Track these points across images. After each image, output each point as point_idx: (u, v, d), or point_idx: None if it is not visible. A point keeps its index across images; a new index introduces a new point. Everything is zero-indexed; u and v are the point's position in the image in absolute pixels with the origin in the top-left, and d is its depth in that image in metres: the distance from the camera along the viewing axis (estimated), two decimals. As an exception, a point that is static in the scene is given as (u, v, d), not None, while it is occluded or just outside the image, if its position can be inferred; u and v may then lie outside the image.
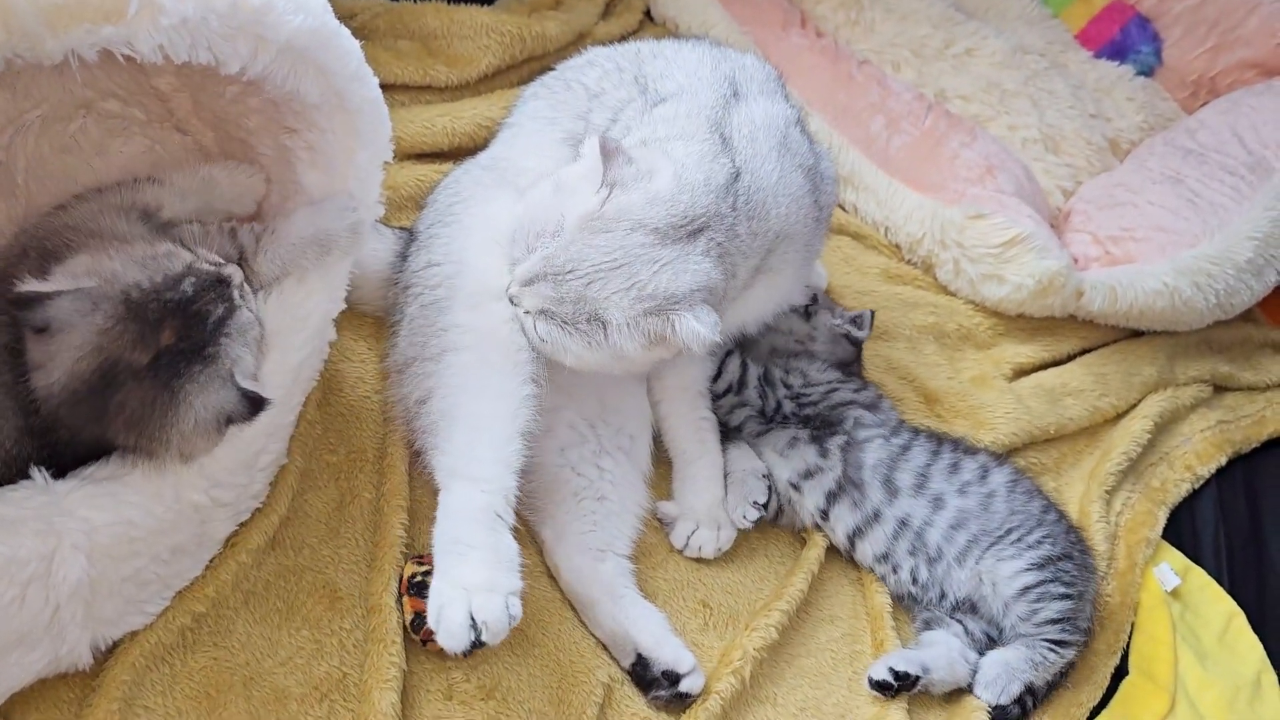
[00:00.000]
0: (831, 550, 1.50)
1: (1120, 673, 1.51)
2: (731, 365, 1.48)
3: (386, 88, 1.18)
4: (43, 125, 1.20)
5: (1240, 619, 1.63)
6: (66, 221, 1.06)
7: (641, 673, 1.27)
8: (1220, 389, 1.95)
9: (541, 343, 1.22)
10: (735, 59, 1.43)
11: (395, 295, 1.39)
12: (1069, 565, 1.42)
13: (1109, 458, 1.71)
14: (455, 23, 1.91)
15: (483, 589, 1.06)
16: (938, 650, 1.39)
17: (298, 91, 1.06)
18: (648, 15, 2.26)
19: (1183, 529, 1.73)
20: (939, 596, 1.43)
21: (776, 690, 1.34)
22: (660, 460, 1.49)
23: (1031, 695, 1.40)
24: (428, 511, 1.32)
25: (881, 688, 1.35)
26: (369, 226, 1.24)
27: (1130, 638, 1.54)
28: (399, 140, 1.64)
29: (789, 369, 1.52)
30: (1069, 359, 1.88)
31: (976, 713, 1.35)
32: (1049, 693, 1.42)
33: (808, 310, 1.57)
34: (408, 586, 1.22)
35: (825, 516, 1.47)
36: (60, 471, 1.01)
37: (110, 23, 0.90)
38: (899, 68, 2.21)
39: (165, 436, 0.99)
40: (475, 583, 1.07)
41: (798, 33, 2.20)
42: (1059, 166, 2.13)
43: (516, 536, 1.14)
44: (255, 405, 1.02)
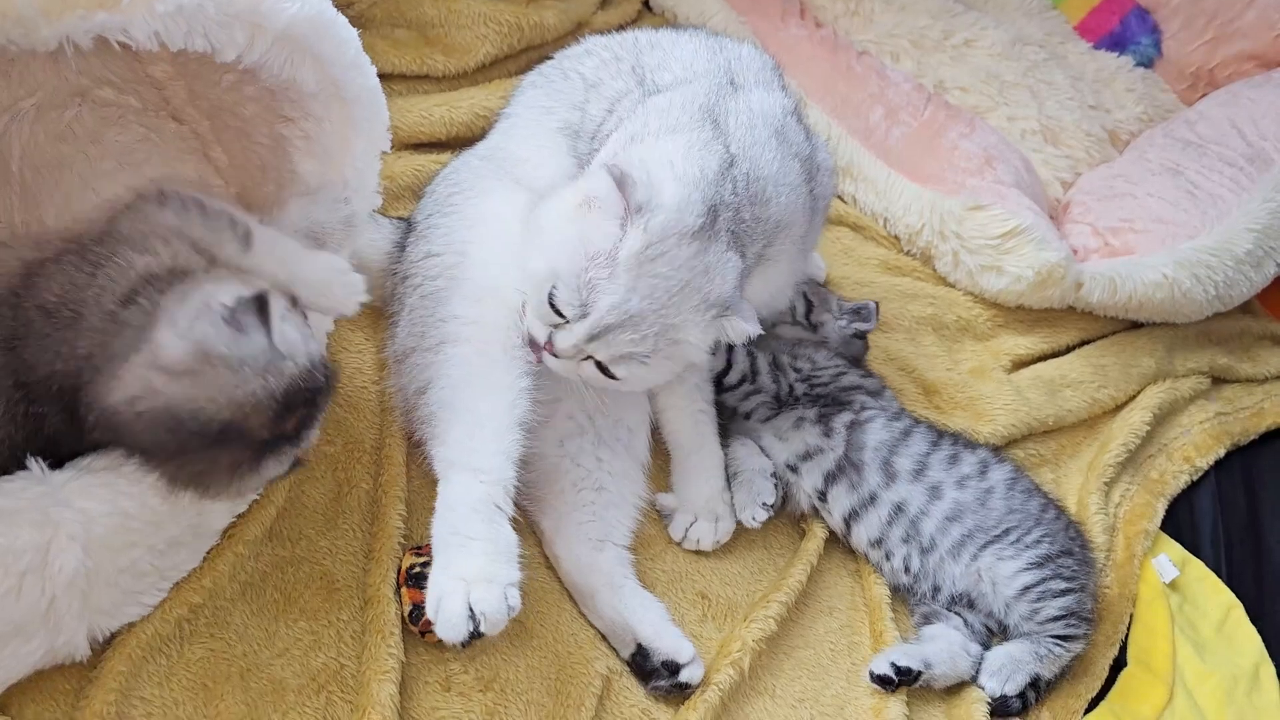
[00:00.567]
0: (830, 542, 1.49)
1: (1118, 664, 1.52)
2: (740, 357, 1.48)
3: (384, 77, 1.18)
4: (37, 113, 1.19)
5: (1238, 610, 1.63)
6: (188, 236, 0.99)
7: (641, 663, 1.27)
8: (1219, 381, 1.95)
9: (618, 382, 1.21)
10: (733, 49, 1.42)
11: (393, 285, 1.38)
12: (1069, 561, 1.41)
13: (1108, 449, 1.71)
14: (453, 12, 1.90)
15: (481, 580, 1.07)
16: (939, 645, 1.39)
17: (294, 80, 1.06)
18: (646, 5, 2.25)
19: (1181, 521, 1.73)
20: (932, 589, 1.43)
21: (775, 682, 1.34)
22: (659, 452, 1.49)
23: (1035, 689, 1.40)
24: (426, 502, 1.32)
25: (883, 682, 1.35)
26: (363, 218, 1.23)
27: (1128, 629, 1.54)
28: (396, 130, 1.63)
29: (796, 355, 1.52)
30: (1068, 350, 1.88)
31: (976, 704, 1.35)
32: (1042, 696, 1.42)
33: (810, 320, 1.56)
34: (406, 578, 1.22)
35: (823, 498, 1.46)
36: (57, 462, 1.01)
37: (105, 9, 0.90)
38: (898, 58, 2.20)
39: (223, 492, 0.96)
40: (474, 574, 1.07)
41: (796, 23, 2.19)
42: (1058, 158, 2.13)
43: (515, 527, 1.15)
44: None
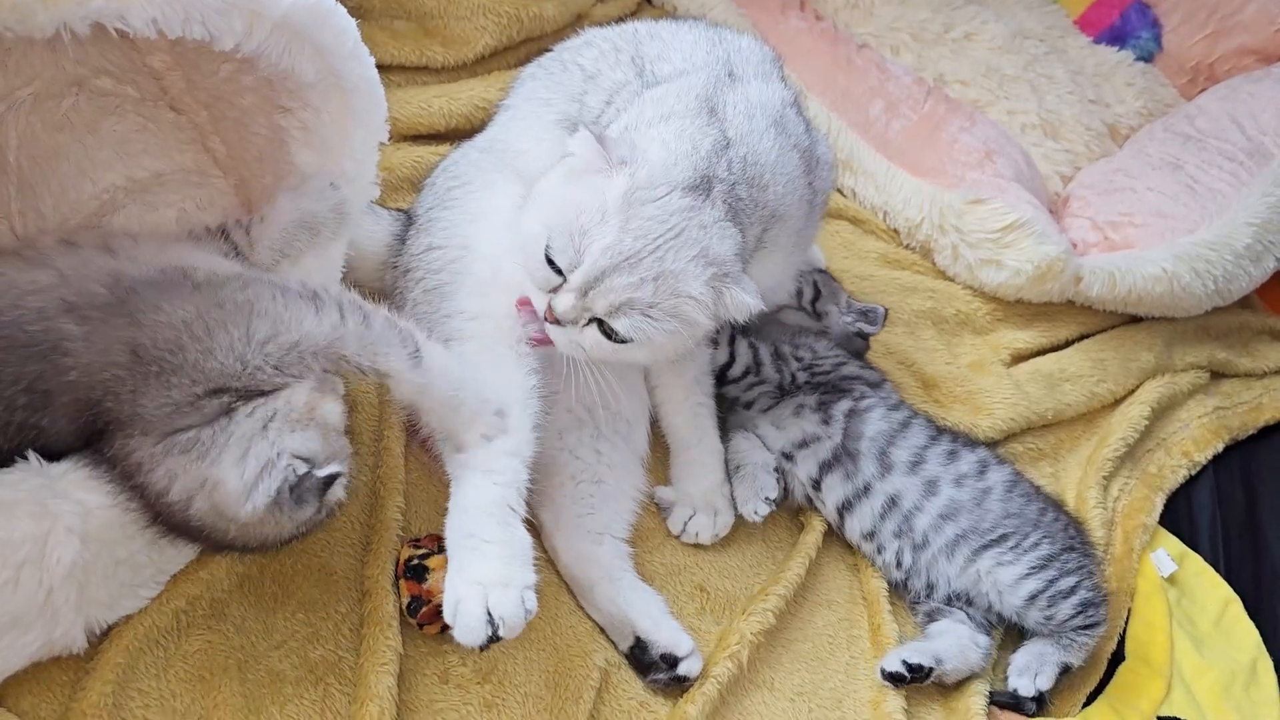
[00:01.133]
0: (829, 536, 1.49)
1: (1117, 658, 1.52)
2: (742, 350, 1.48)
3: (383, 68, 1.18)
4: (34, 102, 1.18)
5: (1236, 605, 1.63)
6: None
7: (640, 655, 1.27)
8: (1218, 375, 1.95)
9: (616, 348, 1.16)
10: (732, 40, 1.42)
11: (393, 278, 1.38)
12: (1071, 556, 1.42)
13: (1106, 443, 1.71)
14: (452, 3, 1.89)
15: (498, 584, 1.05)
16: (948, 640, 1.38)
17: (293, 70, 1.05)
18: (646, -3, 2.25)
19: (1179, 515, 1.73)
20: (926, 586, 1.43)
21: (773, 675, 1.34)
22: (658, 445, 1.48)
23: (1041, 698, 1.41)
24: (424, 495, 1.32)
25: (895, 679, 1.34)
26: (356, 205, 1.22)
27: (1127, 623, 1.55)
28: (395, 121, 1.63)
29: (797, 344, 1.52)
30: (1067, 344, 1.88)
31: (975, 696, 1.35)
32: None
33: (815, 308, 1.56)
34: (404, 570, 1.22)
35: (817, 487, 1.46)
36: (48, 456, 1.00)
37: (102, -6, 0.89)
38: (898, 52, 2.20)
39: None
40: (491, 578, 1.06)
41: (796, 15, 2.19)
42: (1058, 152, 2.13)
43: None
44: None
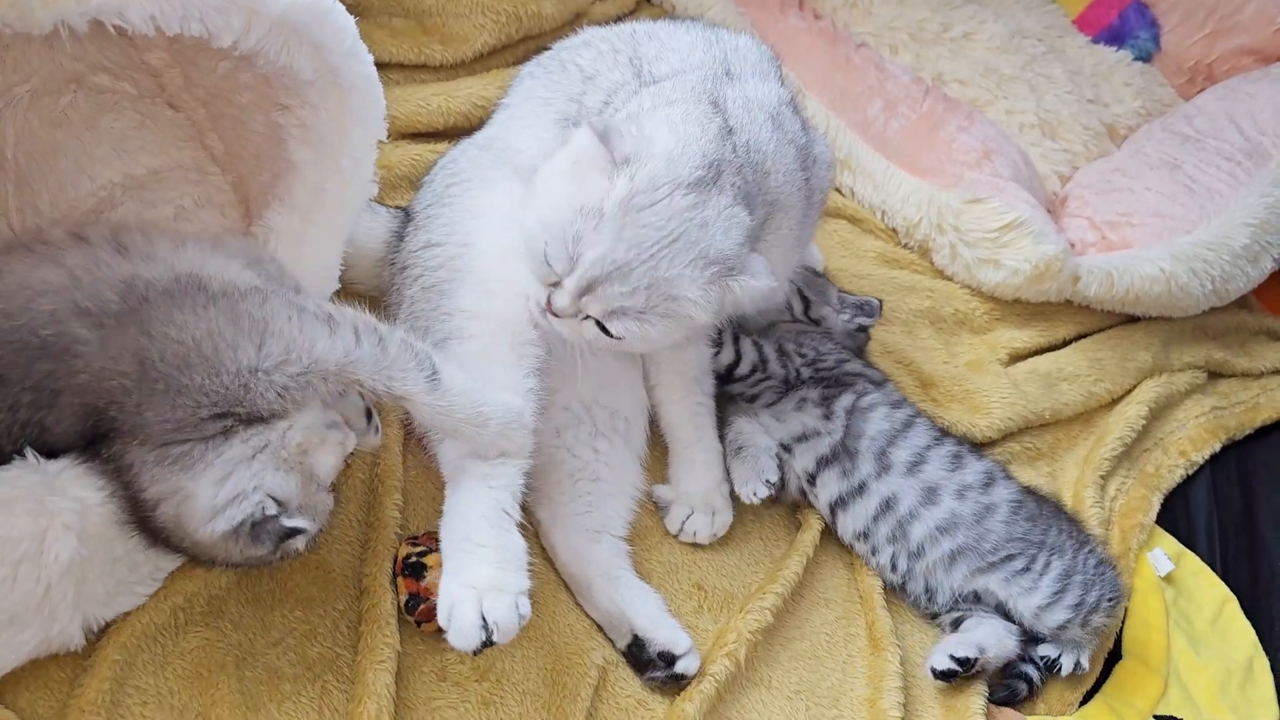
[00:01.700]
0: (826, 534, 1.49)
1: (1113, 656, 1.52)
2: (747, 349, 1.47)
3: (381, 66, 1.18)
4: (32, 99, 1.18)
5: (1233, 604, 1.63)
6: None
7: (637, 654, 1.27)
8: (1215, 375, 1.95)
9: (616, 341, 1.18)
10: (730, 40, 1.42)
11: (391, 275, 1.37)
12: (1085, 559, 1.42)
13: (1104, 443, 1.71)
14: (451, 1, 1.88)
15: (493, 589, 1.05)
16: (985, 629, 1.40)
17: (291, 67, 1.05)
18: (644, -4, 2.24)
19: (1176, 515, 1.73)
20: (925, 592, 1.43)
21: (771, 673, 1.34)
22: (656, 443, 1.48)
23: (1030, 683, 1.42)
24: (422, 492, 1.32)
25: (946, 676, 1.36)
26: (355, 204, 1.22)
27: (1124, 622, 1.55)
28: (393, 119, 1.63)
29: (801, 342, 1.52)
30: (1065, 344, 1.88)
31: (974, 696, 1.36)
32: (1043, 685, 1.44)
33: (810, 316, 1.56)
34: (402, 567, 1.22)
35: (812, 481, 1.46)
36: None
37: (101, -9, 0.89)
38: (897, 51, 2.20)
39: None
40: (485, 582, 1.06)
41: (795, 14, 2.19)
42: (1056, 151, 2.13)
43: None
44: None
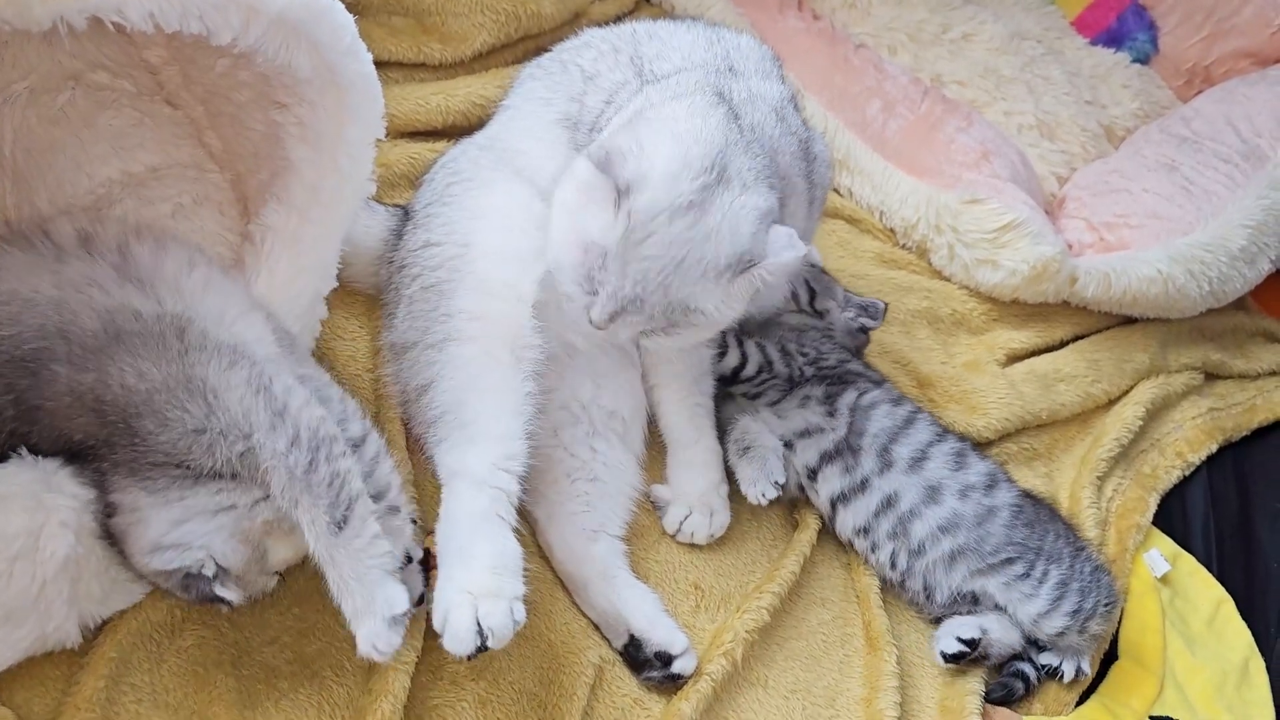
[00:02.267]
0: (823, 534, 1.49)
1: (1109, 657, 1.53)
2: (752, 350, 1.47)
3: (380, 65, 1.17)
4: (30, 96, 1.18)
5: (1229, 605, 1.64)
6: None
7: (634, 653, 1.27)
8: (1212, 377, 1.95)
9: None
10: (731, 39, 1.42)
11: (389, 273, 1.37)
12: (1079, 569, 1.42)
13: (1101, 444, 1.72)
14: (450, 0, 1.89)
15: (488, 595, 1.05)
16: (989, 617, 1.41)
17: (289, 65, 1.05)
18: (644, -4, 2.24)
19: (1173, 515, 1.74)
20: (923, 590, 1.43)
21: (767, 672, 1.34)
22: (654, 443, 1.48)
23: (1028, 681, 1.42)
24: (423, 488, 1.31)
25: (955, 659, 1.38)
26: (353, 202, 1.22)
27: (1119, 623, 1.55)
28: (392, 118, 1.62)
29: (803, 342, 1.52)
30: (1062, 345, 1.88)
31: (970, 696, 1.36)
32: (1040, 685, 1.44)
33: (815, 307, 1.56)
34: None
35: (813, 477, 1.45)
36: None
37: (100, -13, 0.89)
38: (895, 51, 2.20)
39: None
40: (480, 588, 1.06)
41: (794, 15, 2.19)
42: (1054, 153, 2.13)
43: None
44: None
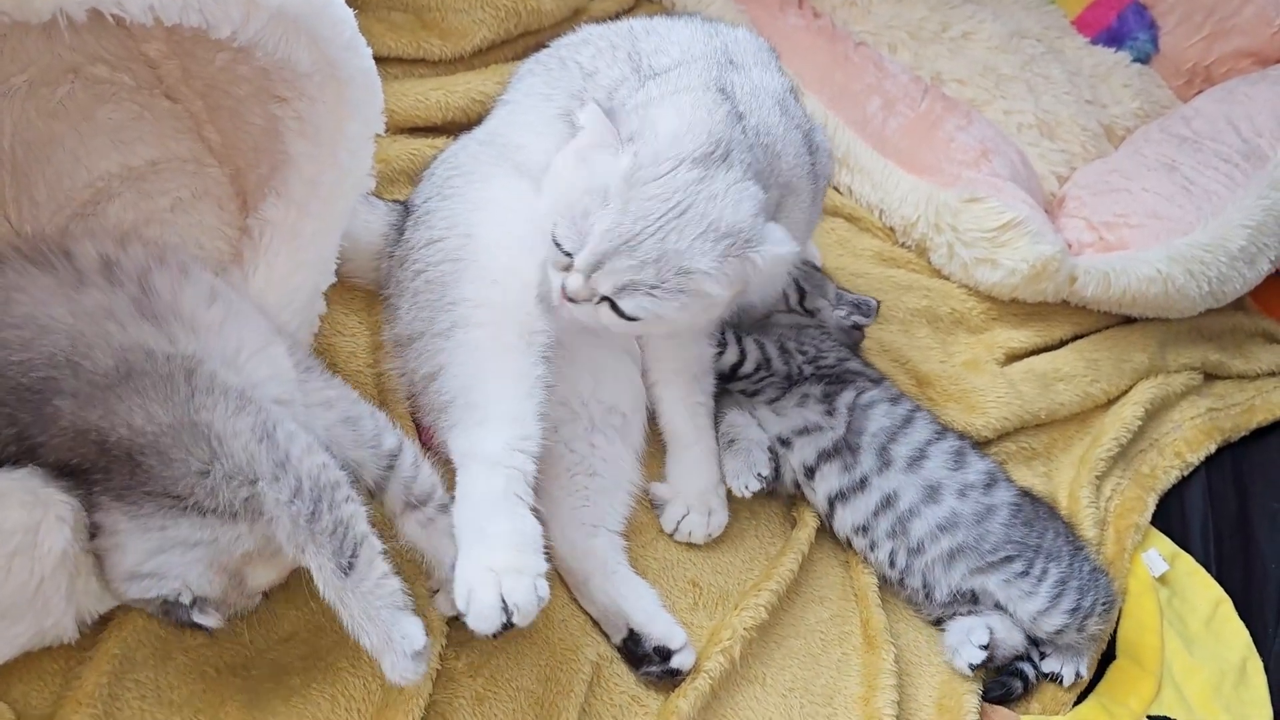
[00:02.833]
0: (821, 532, 1.49)
1: (1107, 657, 1.53)
2: (751, 347, 1.47)
3: (379, 60, 1.16)
4: (29, 89, 1.18)
5: (1227, 605, 1.64)
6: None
7: (633, 649, 1.27)
8: (1211, 377, 1.96)
9: (630, 322, 1.17)
10: (728, 33, 1.42)
11: (389, 268, 1.37)
12: (1078, 568, 1.42)
13: (1099, 443, 1.72)
14: (450, -4, 1.88)
15: (511, 571, 1.06)
16: (993, 616, 1.41)
17: (289, 59, 1.05)
18: (643, -8, 2.24)
19: (1171, 515, 1.74)
20: (922, 588, 1.43)
21: (765, 670, 1.34)
22: (652, 440, 1.48)
23: (1027, 679, 1.42)
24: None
25: (982, 666, 1.38)
26: (351, 197, 1.21)
27: (1118, 622, 1.55)
28: (391, 114, 1.62)
29: (802, 340, 1.52)
30: (1061, 344, 1.88)
31: (967, 695, 1.36)
32: (1038, 684, 1.44)
33: (805, 307, 1.56)
34: None
35: (810, 475, 1.45)
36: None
37: (100, -22, 0.88)
38: (895, 50, 2.20)
39: None
40: (503, 565, 1.06)
41: (794, 12, 2.19)
42: (1054, 152, 2.13)
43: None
44: None
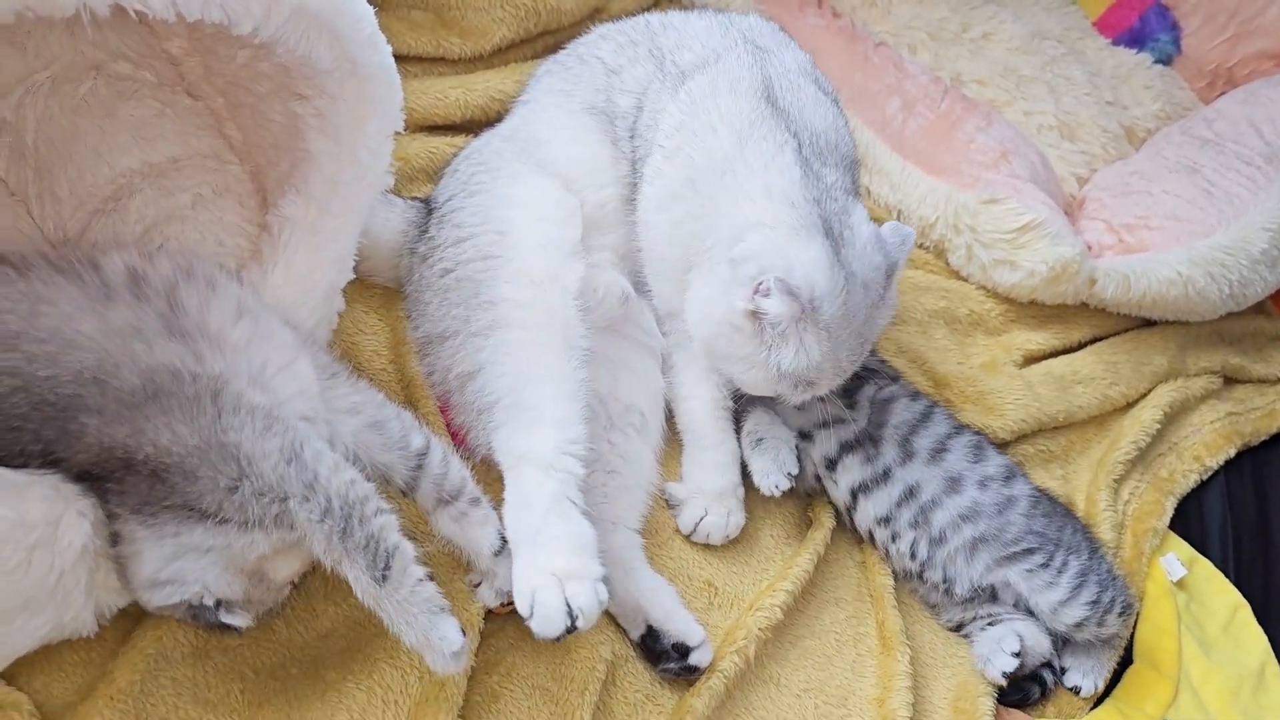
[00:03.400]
0: (837, 533, 1.49)
1: (1124, 661, 1.52)
2: None
3: (399, 59, 1.17)
4: (53, 86, 1.18)
5: (1245, 610, 1.63)
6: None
7: (651, 645, 1.27)
8: (1231, 381, 1.94)
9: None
10: (741, 21, 1.45)
11: (412, 265, 1.37)
12: (1097, 564, 1.42)
13: (1118, 447, 1.70)
14: (469, -6, 1.88)
15: (574, 576, 1.07)
16: (1017, 622, 1.41)
17: (309, 56, 1.05)
18: (663, -10, 2.23)
19: (1190, 520, 1.73)
20: (944, 581, 1.42)
21: (780, 670, 1.34)
22: (668, 440, 1.47)
23: (1043, 682, 1.42)
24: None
25: (1014, 674, 1.38)
26: (370, 194, 1.22)
27: (1135, 626, 1.54)
28: (411, 111, 1.62)
29: None
30: (1080, 347, 1.87)
31: (982, 698, 1.35)
32: (1054, 689, 1.44)
33: None
34: None
35: (831, 467, 1.45)
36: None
37: (124, -26, 0.89)
38: (915, 50, 2.18)
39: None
40: (565, 570, 1.08)
41: (814, 12, 2.18)
42: (1074, 153, 2.11)
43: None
44: None
